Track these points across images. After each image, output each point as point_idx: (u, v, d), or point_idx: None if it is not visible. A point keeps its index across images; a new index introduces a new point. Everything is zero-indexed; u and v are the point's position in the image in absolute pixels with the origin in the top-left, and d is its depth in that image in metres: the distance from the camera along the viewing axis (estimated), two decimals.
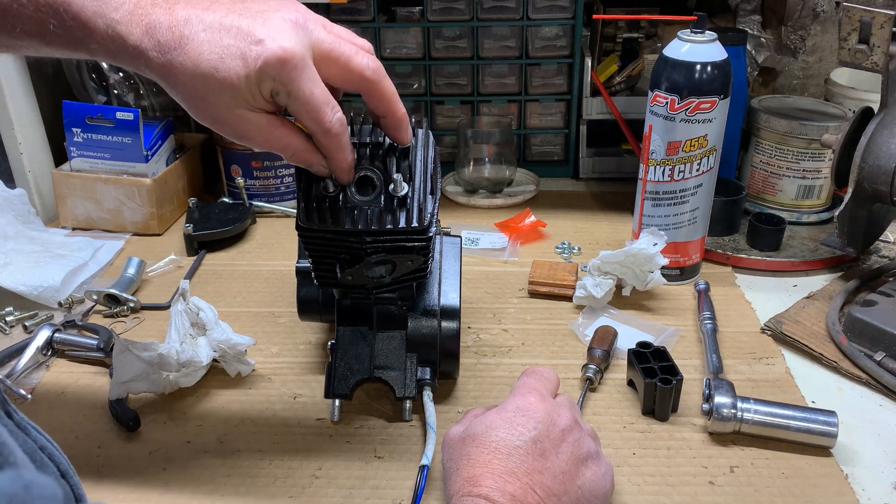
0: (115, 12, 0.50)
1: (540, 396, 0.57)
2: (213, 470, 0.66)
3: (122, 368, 0.70)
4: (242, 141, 0.55)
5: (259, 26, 0.50)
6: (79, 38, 0.51)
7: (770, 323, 0.83)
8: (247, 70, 0.50)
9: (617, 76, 1.15)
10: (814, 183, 1.01)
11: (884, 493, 0.63)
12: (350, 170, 0.59)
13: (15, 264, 0.89)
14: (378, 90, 0.57)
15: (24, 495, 0.30)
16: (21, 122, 1.05)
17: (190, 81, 0.50)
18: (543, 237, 1.04)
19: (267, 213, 1.10)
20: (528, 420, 0.54)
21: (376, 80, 0.56)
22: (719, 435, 0.68)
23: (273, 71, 0.50)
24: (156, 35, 0.50)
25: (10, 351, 0.79)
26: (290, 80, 0.50)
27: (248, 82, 0.50)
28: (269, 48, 0.49)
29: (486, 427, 0.55)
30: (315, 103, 0.52)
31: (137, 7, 0.51)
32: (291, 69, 0.50)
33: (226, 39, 0.50)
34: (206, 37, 0.50)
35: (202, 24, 0.50)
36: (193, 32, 0.50)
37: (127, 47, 0.51)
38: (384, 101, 0.57)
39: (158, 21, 0.50)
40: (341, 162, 0.57)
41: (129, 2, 0.51)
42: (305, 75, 0.51)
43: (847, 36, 0.82)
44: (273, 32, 0.50)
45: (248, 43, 0.50)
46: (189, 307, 0.77)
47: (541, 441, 0.53)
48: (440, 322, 0.70)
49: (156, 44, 0.50)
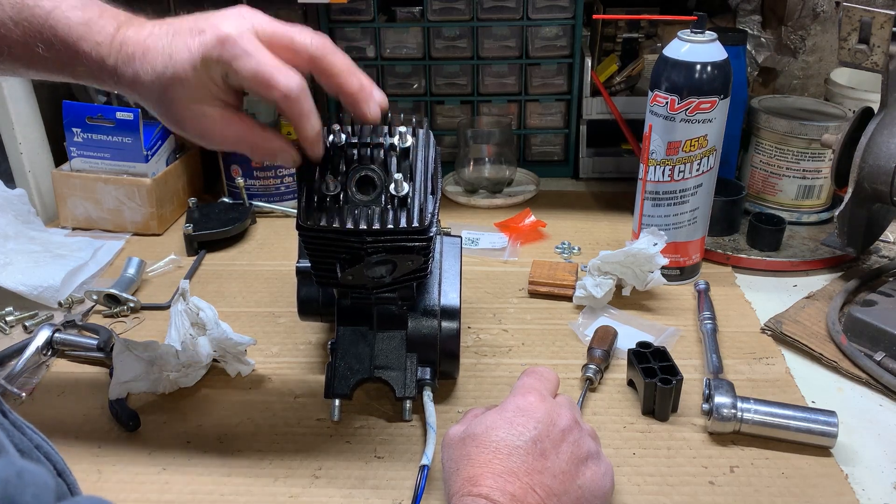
0: (99, 35, 0.54)
1: (540, 396, 0.57)
2: (213, 470, 0.66)
3: (122, 368, 0.70)
4: (204, 140, 0.57)
5: (203, 21, 0.54)
6: (65, 62, 0.55)
7: (770, 323, 0.83)
8: (192, 60, 0.52)
9: (617, 76, 1.15)
10: (814, 183, 1.01)
11: (884, 493, 0.63)
12: (318, 139, 0.58)
13: (15, 264, 0.89)
14: (327, 65, 0.56)
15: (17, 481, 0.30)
16: (21, 122, 1.05)
17: (151, 85, 0.53)
18: (543, 237, 1.04)
19: (267, 213, 1.10)
20: (528, 420, 0.54)
21: (322, 54, 0.55)
22: (719, 435, 0.68)
23: (215, 52, 0.52)
24: (125, 50, 0.54)
25: (10, 351, 0.79)
26: (234, 56, 0.52)
27: (196, 72, 0.52)
28: (209, 33, 0.52)
29: (486, 427, 0.55)
30: (264, 70, 0.52)
31: (117, 31, 0.55)
32: (232, 45, 0.52)
33: (176, 40, 0.53)
34: (163, 42, 0.53)
35: (163, 33, 0.54)
36: (154, 43, 0.54)
37: (106, 67, 0.54)
38: (334, 75, 0.56)
39: (129, 38, 0.54)
40: (308, 130, 0.56)
41: (110, 26, 0.55)
42: (248, 48, 0.52)
43: (847, 36, 0.82)
44: (214, 22, 0.53)
45: (192, 36, 0.53)
46: (189, 307, 0.76)
47: (541, 441, 0.53)
48: (440, 322, 0.70)
49: (125, 58, 0.54)
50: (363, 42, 1.14)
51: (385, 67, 1.16)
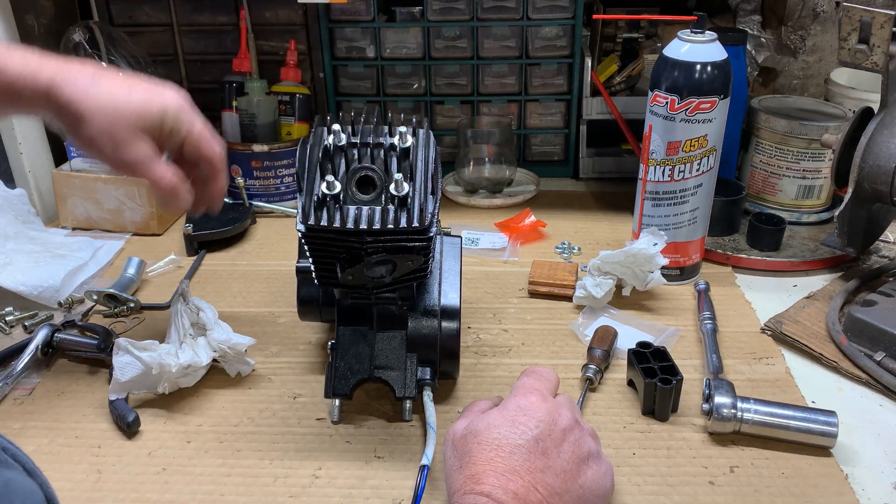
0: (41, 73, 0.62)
1: (541, 396, 0.57)
2: (213, 470, 0.66)
3: (122, 368, 0.70)
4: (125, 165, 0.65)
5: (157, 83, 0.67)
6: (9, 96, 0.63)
7: (770, 323, 0.83)
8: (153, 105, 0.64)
9: (617, 76, 1.15)
10: (814, 183, 1.01)
11: (884, 493, 0.63)
12: (223, 196, 0.72)
13: (15, 264, 0.89)
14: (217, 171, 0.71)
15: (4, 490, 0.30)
16: (21, 122, 1.05)
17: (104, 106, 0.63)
18: (543, 237, 1.04)
19: (267, 213, 1.10)
20: (529, 419, 0.55)
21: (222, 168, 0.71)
22: (719, 435, 0.68)
23: (174, 110, 0.66)
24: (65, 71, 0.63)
25: (10, 351, 0.79)
26: (192, 119, 0.67)
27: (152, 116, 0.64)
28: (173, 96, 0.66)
29: (488, 424, 0.55)
30: (207, 135, 0.68)
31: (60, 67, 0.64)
32: (189, 111, 0.67)
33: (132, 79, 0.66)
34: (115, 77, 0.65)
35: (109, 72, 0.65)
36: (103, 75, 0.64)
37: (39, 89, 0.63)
38: None
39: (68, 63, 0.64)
40: (221, 185, 0.71)
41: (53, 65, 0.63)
42: (198, 118, 0.68)
43: (847, 36, 0.82)
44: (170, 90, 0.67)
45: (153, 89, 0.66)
46: (189, 307, 0.77)
47: (543, 440, 0.54)
48: (440, 322, 0.70)
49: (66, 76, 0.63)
50: (363, 42, 1.14)
51: (385, 67, 1.15)
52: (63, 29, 1.08)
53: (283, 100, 1.10)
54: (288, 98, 1.11)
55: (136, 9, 1.15)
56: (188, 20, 1.16)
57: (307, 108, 1.12)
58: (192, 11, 1.15)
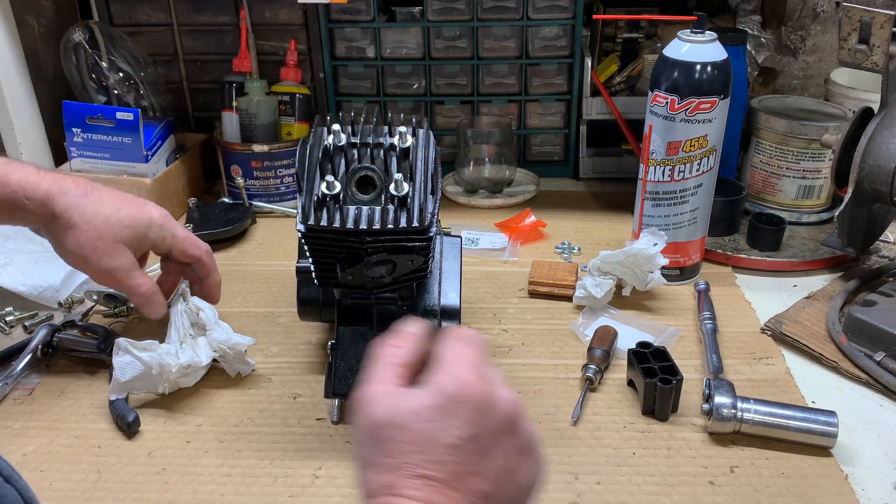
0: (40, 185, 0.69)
1: (476, 374, 0.45)
2: (213, 470, 0.66)
3: (122, 368, 0.70)
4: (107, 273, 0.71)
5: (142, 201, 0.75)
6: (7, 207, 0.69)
7: (770, 323, 0.83)
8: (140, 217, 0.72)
9: (617, 76, 1.15)
10: (814, 183, 1.01)
11: (884, 493, 0.63)
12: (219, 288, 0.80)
13: (15, 264, 0.89)
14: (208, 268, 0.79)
15: None
16: (21, 122, 1.05)
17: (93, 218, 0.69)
18: (543, 237, 1.04)
19: (267, 213, 1.10)
20: (462, 408, 0.43)
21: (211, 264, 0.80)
22: (719, 435, 0.68)
23: (159, 220, 0.73)
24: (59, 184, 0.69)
25: (10, 351, 0.79)
26: (174, 226, 0.75)
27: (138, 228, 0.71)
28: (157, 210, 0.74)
29: (413, 413, 0.43)
30: (192, 237, 0.77)
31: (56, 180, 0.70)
32: (172, 221, 0.75)
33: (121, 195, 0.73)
34: (106, 193, 0.71)
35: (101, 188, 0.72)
36: (95, 189, 0.71)
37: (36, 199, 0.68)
38: None
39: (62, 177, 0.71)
40: (216, 279, 0.79)
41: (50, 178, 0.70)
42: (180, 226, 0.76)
43: (847, 36, 0.82)
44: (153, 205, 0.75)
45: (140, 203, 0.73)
46: (189, 307, 0.77)
47: (479, 437, 0.43)
48: (440, 322, 0.70)
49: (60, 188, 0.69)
50: (363, 42, 1.14)
51: (385, 67, 1.15)
52: (63, 29, 1.08)
53: (283, 100, 1.10)
54: (288, 98, 1.11)
55: (135, 9, 1.15)
56: (188, 20, 1.16)
57: (307, 108, 1.12)
58: (192, 11, 1.15)
